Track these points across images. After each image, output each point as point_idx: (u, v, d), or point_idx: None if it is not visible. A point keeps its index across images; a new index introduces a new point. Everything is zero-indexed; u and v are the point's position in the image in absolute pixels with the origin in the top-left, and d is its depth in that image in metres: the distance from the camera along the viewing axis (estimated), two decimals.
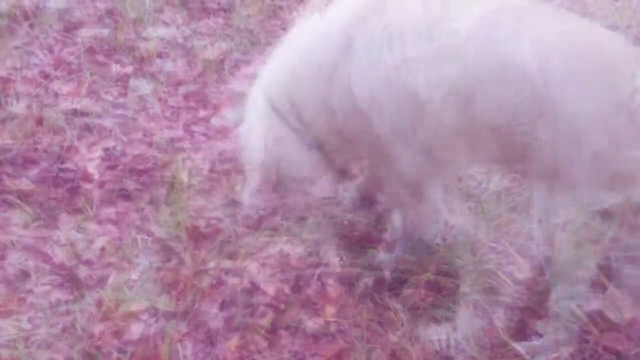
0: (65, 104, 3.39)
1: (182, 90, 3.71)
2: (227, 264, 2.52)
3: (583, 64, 1.80)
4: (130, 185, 2.97)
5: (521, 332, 2.17)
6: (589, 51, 1.79)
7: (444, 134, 1.92)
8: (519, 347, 2.05)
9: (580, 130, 1.84)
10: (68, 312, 2.33)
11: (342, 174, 2.34)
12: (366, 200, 2.52)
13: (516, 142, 1.91)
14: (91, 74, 3.71)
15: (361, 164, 2.36)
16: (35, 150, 3.06)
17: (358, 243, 2.58)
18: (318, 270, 2.50)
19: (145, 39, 4.05)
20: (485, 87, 1.86)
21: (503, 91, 1.86)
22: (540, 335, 2.16)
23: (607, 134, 1.83)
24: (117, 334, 2.22)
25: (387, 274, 2.38)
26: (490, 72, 1.85)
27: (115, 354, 2.16)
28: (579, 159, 1.89)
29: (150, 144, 3.26)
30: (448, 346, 2.13)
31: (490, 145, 1.92)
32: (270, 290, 2.42)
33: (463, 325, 2.13)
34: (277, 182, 2.34)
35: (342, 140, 2.16)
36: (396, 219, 2.48)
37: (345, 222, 2.59)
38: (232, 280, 2.47)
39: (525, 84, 1.82)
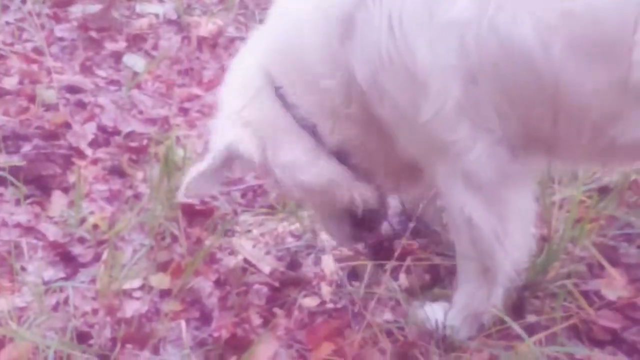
0: (58, 81, 3.37)
1: (176, 67, 3.69)
2: (222, 242, 2.51)
3: (583, 41, 1.79)
4: (124, 162, 2.96)
5: (518, 310, 2.16)
6: (589, 29, 1.79)
7: (446, 115, 1.91)
8: (516, 325, 2.04)
9: (580, 105, 1.84)
10: (61, 290, 2.32)
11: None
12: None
13: (517, 120, 1.91)
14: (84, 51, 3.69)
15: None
16: (28, 126, 3.03)
17: None
18: (314, 249, 2.50)
19: (139, 15, 4.02)
20: (487, 69, 1.86)
21: (504, 72, 1.85)
22: (537, 314, 2.15)
23: (605, 108, 1.84)
24: (111, 311, 2.20)
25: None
26: (491, 54, 1.84)
27: (108, 332, 2.15)
28: (577, 132, 1.90)
29: (144, 121, 3.24)
30: (444, 326, 2.12)
31: (491, 124, 1.91)
32: (266, 268, 2.41)
33: (460, 305, 2.13)
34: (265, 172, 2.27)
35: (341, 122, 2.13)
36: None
37: None
38: (226, 259, 2.45)
39: (526, 63, 1.82)
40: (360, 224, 2.36)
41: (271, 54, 2.15)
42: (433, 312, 2.15)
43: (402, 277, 2.32)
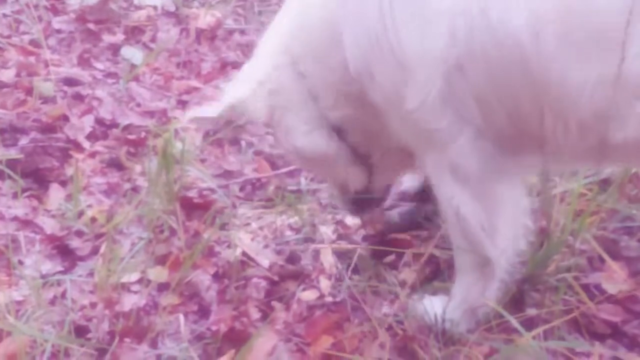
0: (56, 73, 3.35)
1: (174, 59, 3.67)
2: (220, 235, 2.50)
3: (577, 33, 1.77)
4: (122, 155, 2.94)
5: (517, 304, 2.15)
6: (584, 21, 1.77)
7: (431, 104, 1.91)
8: (514, 320, 2.03)
9: (569, 99, 1.82)
10: (59, 283, 2.31)
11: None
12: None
13: (504, 114, 1.90)
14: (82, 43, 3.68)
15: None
16: (26, 119, 3.02)
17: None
18: (313, 242, 2.49)
19: (137, 7, 4.00)
20: (476, 58, 1.85)
21: (493, 62, 1.84)
22: (537, 308, 2.14)
23: (594, 103, 1.81)
24: (109, 305, 2.19)
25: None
26: (481, 43, 1.83)
27: (106, 326, 2.14)
28: (565, 130, 1.88)
29: (142, 114, 3.23)
30: (444, 319, 2.11)
31: (475, 117, 1.91)
32: (264, 261, 2.40)
33: (459, 298, 2.12)
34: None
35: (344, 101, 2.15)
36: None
37: None
38: (225, 252, 2.44)
39: (516, 54, 1.81)
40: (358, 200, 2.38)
41: (289, 27, 2.19)
42: (432, 306, 2.14)
43: (402, 270, 2.31)
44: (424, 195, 2.46)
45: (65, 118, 3.07)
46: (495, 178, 1.99)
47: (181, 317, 2.19)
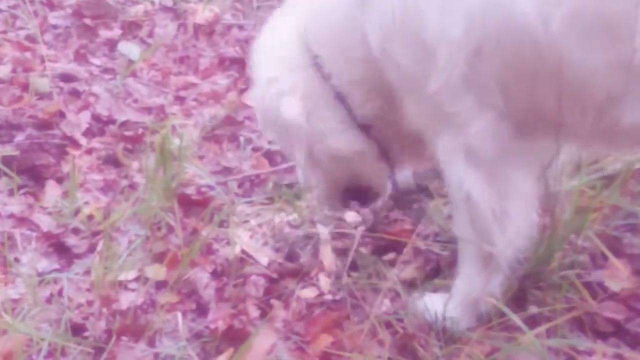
0: (52, 69, 3.33)
1: (172, 55, 3.66)
2: (219, 232, 2.48)
3: (584, 17, 1.77)
4: (119, 152, 2.93)
5: (519, 302, 2.14)
6: (591, 4, 1.77)
7: (452, 86, 1.90)
8: (516, 318, 2.02)
9: (582, 83, 1.82)
10: (55, 281, 2.29)
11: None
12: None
13: (523, 97, 1.89)
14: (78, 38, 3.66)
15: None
16: (22, 116, 3.00)
17: None
18: (312, 239, 2.47)
19: (134, 2, 3.99)
20: (491, 42, 1.84)
21: (507, 46, 1.84)
22: (539, 305, 2.13)
23: (606, 87, 1.81)
24: (106, 303, 2.17)
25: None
26: (494, 27, 1.83)
27: (103, 324, 2.12)
28: (581, 112, 1.87)
29: (139, 110, 3.21)
30: (444, 317, 2.09)
31: (497, 100, 1.90)
32: (263, 259, 2.38)
33: (460, 295, 2.10)
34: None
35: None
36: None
37: None
38: (223, 249, 2.42)
39: (527, 38, 1.80)
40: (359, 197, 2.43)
41: (306, 22, 2.19)
42: (433, 303, 2.13)
43: (402, 267, 2.29)
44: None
45: (62, 114, 3.06)
46: (509, 162, 1.97)
47: (179, 315, 2.17)
